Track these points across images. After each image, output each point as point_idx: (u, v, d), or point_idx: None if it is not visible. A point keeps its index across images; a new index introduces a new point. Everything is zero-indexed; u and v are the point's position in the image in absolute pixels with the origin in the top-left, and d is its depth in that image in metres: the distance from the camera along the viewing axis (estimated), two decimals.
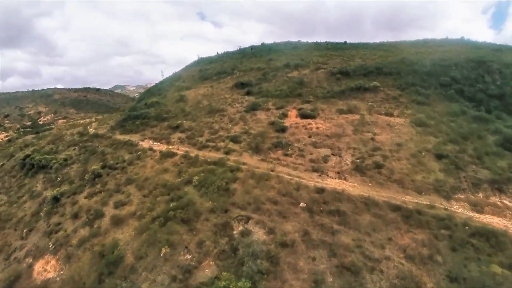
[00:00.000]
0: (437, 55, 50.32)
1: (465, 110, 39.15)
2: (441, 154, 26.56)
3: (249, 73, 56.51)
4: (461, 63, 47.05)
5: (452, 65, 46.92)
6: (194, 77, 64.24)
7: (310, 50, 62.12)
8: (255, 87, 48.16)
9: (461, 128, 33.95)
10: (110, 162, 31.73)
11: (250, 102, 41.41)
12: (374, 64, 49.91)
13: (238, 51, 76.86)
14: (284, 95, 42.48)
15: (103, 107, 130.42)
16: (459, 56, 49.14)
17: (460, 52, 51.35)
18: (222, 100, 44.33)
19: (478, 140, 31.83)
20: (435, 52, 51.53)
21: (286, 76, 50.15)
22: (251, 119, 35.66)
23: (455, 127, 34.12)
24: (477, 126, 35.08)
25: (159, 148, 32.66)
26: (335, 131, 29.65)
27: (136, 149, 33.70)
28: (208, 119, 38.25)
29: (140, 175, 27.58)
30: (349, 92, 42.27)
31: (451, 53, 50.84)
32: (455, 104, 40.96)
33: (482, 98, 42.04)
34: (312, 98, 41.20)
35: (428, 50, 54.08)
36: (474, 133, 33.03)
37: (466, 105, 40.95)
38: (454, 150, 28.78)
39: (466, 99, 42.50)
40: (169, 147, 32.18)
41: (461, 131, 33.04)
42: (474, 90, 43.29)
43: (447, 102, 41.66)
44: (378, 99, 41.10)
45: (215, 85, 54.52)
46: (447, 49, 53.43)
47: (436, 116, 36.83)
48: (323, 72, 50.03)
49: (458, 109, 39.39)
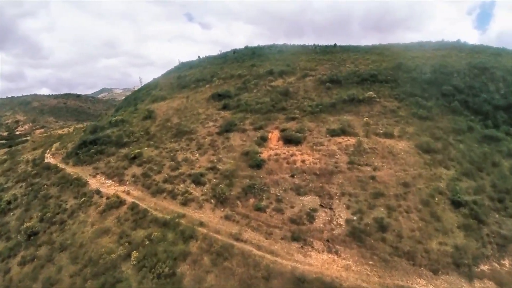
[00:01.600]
0: (436, 60, 44.36)
1: (472, 126, 33.70)
2: (459, 201, 20.54)
3: (229, 81, 49.39)
4: (463, 70, 41.30)
5: (453, 72, 41.08)
6: (172, 85, 56.82)
7: (297, 54, 55.27)
8: (233, 98, 41.18)
9: (472, 152, 28.54)
10: (49, 214, 24.90)
11: (225, 119, 34.47)
12: (368, 70, 43.61)
13: (220, 56, 69.62)
14: (265, 109, 35.70)
15: (83, 114, 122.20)
16: (460, 61, 43.37)
17: (460, 57, 45.67)
18: (194, 117, 37.16)
19: (494, 169, 26.57)
20: (434, 57, 45.59)
21: (269, 85, 43.27)
22: (223, 145, 28.77)
23: (465, 151, 28.53)
24: (488, 148, 29.79)
25: (108, 191, 25.59)
26: (326, 165, 23.16)
27: (82, 192, 26.66)
28: (174, 144, 31.13)
29: (76, 238, 20.59)
30: (341, 105, 35.87)
31: (451, 58, 45.04)
32: (460, 117, 35.34)
33: (488, 111, 36.71)
34: (298, 113, 34.61)
35: (425, 54, 48.12)
36: (487, 158, 27.83)
37: (472, 119, 35.44)
38: (471, 188, 22.92)
39: (471, 112, 36.92)
40: (119, 190, 25.12)
41: (473, 157, 27.58)
42: (479, 101, 37.77)
43: (451, 115, 35.92)
44: (374, 113, 34.90)
45: (191, 95, 47.33)
46: (445, 54, 47.62)
47: (442, 136, 31.06)
48: (311, 80, 43.35)
49: (465, 124, 33.82)
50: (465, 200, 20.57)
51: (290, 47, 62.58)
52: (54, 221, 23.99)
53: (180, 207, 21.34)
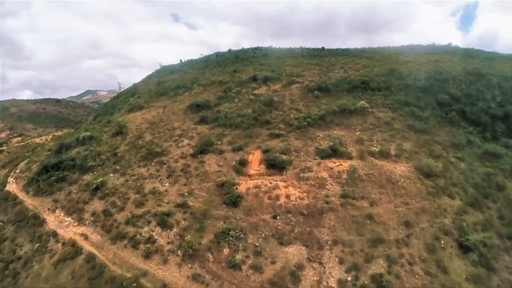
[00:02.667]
0: (429, 65, 41.60)
1: (471, 140, 31.38)
2: (467, 244, 17.64)
3: (209, 88, 45.22)
4: (458, 76, 38.73)
5: (448, 78, 38.42)
6: (150, 92, 52.03)
7: (282, 58, 51.40)
8: (212, 109, 37.16)
9: (475, 173, 26.41)
10: (1, 264, 20.78)
11: (202, 136, 30.55)
12: (358, 76, 40.35)
13: (202, 59, 65.14)
14: (246, 123, 31.93)
15: (63, 121, 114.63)
16: (454, 67, 40.80)
17: (454, 62, 43.16)
18: (168, 134, 32.97)
19: (499, 194, 24.23)
20: (427, 62, 42.85)
21: (252, 93, 39.40)
22: (196, 171, 24.89)
23: (468, 172, 26.21)
24: (490, 166, 27.55)
25: (65, 234, 21.42)
26: (315, 201, 19.72)
27: (38, 234, 22.47)
28: (142, 169, 27.00)
29: None
30: (331, 117, 32.46)
31: (445, 63, 42.41)
32: (458, 130, 32.82)
33: (486, 121, 34.41)
34: (284, 127, 31.00)
35: (417, 59, 45.32)
36: (491, 180, 25.54)
37: (470, 131, 33.04)
38: (479, 223, 20.19)
39: (469, 123, 34.48)
40: (77, 233, 21.05)
41: (477, 179, 25.28)
42: (476, 110, 35.36)
43: (448, 127, 33.38)
44: (367, 126, 31.78)
45: (169, 105, 43.00)
46: (439, 58, 45.00)
47: (441, 153, 28.48)
48: (297, 88, 39.74)
49: (463, 138, 31.41)
50: (473, 243, 17.72)
51: (276, 50, 58.60)
52: (7, 274, 20.01)
53: (142, 260, 17.53)
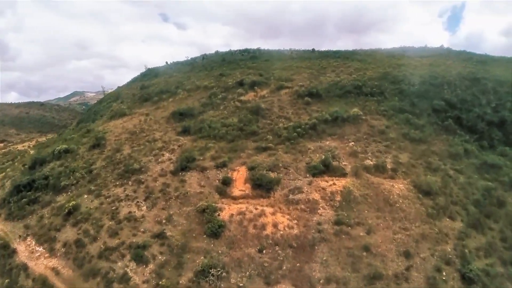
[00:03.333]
0: (424, 69, 40.13)
1: (469, 149, 30.04)
2: (470, 276, 15.97)
3: (194, 94, 42.60)
4: (453, 81, 37.39)
5: (443, 83, 37.00)
6: (134, 97, 48.89)
7: (271, 60, 49.12)
8: (196, 118, 34.62)
9: (475, 187, 25.16)
10: None
11: (184, 150, 28.05)
12: (351, 81, 38.46)
13: (188, 62, 62.36)
14: (232, 135, 29.54)
15: (47, 125, 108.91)
16: (449, 71, 39.45)
17: (448, 65, 41.91)
18: (148, 146, 30.17)
19: (500, 211, 22.96)
20: (421, 66, 41.38)
21: (238, 99, 37.01)
22: (176, 193, 22.38)
23: (467, 187, 24.92)
24: (490, 179, 26.22)
25: (36, 268, 18.48)
26: (306, 230, 17.56)
27: (8, 267, 19.54)
28: (118, 189, 24.23)
29: None
30: (322, 126, 30.40)
31: (439, 67, 41.05)
32: (455, 138, 31.44)
33: (482, 129, 33.17)
34: (272, 139, 28.78)
35: (411, 62, 43.85)
36: (491, 195, 24.38)
37: (466, 139, 31.74)
38: (481, 248, 18.62)
39: (465, 130, 33.20)
40: (49, 266, 18.35)
41: (477, 196, 23.74)
42: (472, 117, 34.12)
43: (444, 135, 31.97)
44: (361, 136, 29.94)
45: (152, 112, 40.17)
46: (433, 62, 43.63)
47: (439, 165, 26.96)
48: (287, 94, 37.54)
49: (461, 147, 30.11)
50: (476, 274, 16.06)
51: (264, 52, 56.14)
52: None
53: None
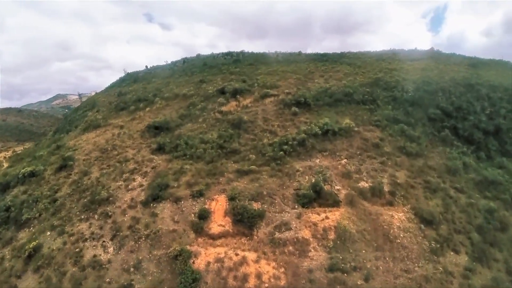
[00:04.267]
0: (416, 74, 37.80)
1: (467, 163, 27.96)
2: None
3: (172, 104, 38.07)
4: (447, 87, 35.25)
5: (438, 90, 34.71)
6: (110, 105, 44.04)
7: (255, 64, 45.31)
8: (173, 132, 30.31)
9: (477, 210, 23.30)
10: None
11: (157, 173, 23.62)
12: (341, 87, 35.32)
13: (169, 66, 57.68)
14: (210, 155, 25.44)
15: (25, 133, 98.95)
16: (442, 76, 37.31)
17: (440, 70, 39.92)
18: (119, 168, 25.34)
19: (503, 235, 21.92)
20: (413, 71, 39.06)
21: (219, 110, 32.90)
22: (147, 231, 17.98)
23: (469, 210, 22.96)
24: (490, 197, 24.78)
25: None
26: (295, 281, 13.87)
27: None
28: (84, 225, 19.48)
29: None
30: (312, 141, 26.87)
31: (432, 72, 38.95)
32: (451, 150, 29.01)
33: (479, 139, 31.13)
34: (255, 158, 24.98)
35: (402, 66, 41.52)
36: (494, 217, 22.73)
37: (463, 151, 29.49)
38: (488, 286, 15.65)
39: (462, 140, 30.97)
40: None
41: (480, 220, 21.95)
42: (468, 126, 32.06)
43: (441, 146, 29.59)
44: (354, 151, 26.77)
45: (127, 124, 35.42)
46: (425, 66, 41.52)
47: (439, 184, 24.42)
48: (272, 102, 33.80)
49: (459, 161, 27.75)
50: None
51: (248, 55, 52.23)
52: None
53: None
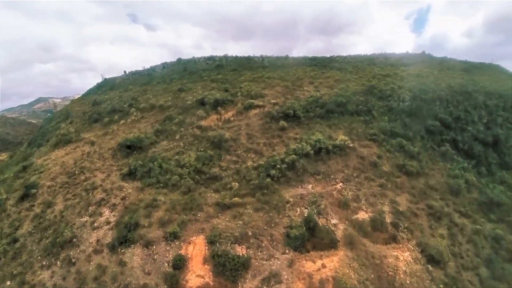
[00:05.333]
0: (411, 81, 35.33)
1: (469, 180, 26.34)
2: None
3: (148, 115, 33.89)
4: (445, 96, 33.04)
5: (435, 98, 32.34)
6: (84, 116, 39.68)
7: (239, 69, 41.46)
8: (146, 151, 26.47)
9: (483, 238, 21.86)
10: None
11: (127, 209, 19.71)
12: (333, 96, 32.24)
13: (147, 71, 52.94)
14: (187, 185, 21.70)
15: (1, 142, 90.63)
16: (438, 83, 35.08)
17: (436, 77, 37.90)
18: (85, 200, 21.23)
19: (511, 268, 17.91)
20: (408, 77, 36.62)
21: (198, 125, 29.08)
22: (114, 284, 14.47)
23: (476, 239, 21.22)
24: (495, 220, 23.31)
25: None
26: None
27: None
28: (45, 273, 15.72)
29: None
30: (303, 163, 23.58)
31: (427, 78, 36.70)
32: (452, 166, 26.85)
33: (479, 152, 29.15)
34: (238, 186, 21.61)
35: (395, 71, 39.09)
36: (502, 246, 20.75)
37: (464, 166, 27.23)
38: None
39: (462, 154, 28.91)
40: None
41: (488, 253, 20.26)
42: (468, 139, 30.07)
43: (442, 162, 27.41)
44: (350, 172, 23.90)
45: (99, 140, 31.34)
46: (420, 72, 39.28)
47: (442, 210, 22.18)
48: (257, 115, 30.25)
49: (461, 179, 25.34)
50: None
51: (232, 60, 48.02)
52: None
53: None
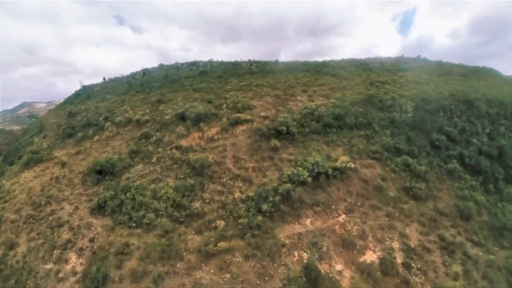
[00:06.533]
0: (412, 89, 32.68)
1: (479, 201, 24.26)
2: None
3: (123, 131, 29.91)
4: (448, 105, 30.84)
5: (439, 108, 30.00)
6: (58, 129, 35.41)
7: (225, 77, 37.53)
8: (119, 178, 22.67)
9: (498, 268, 20.36)
10: None
11: (94, 255, 16.01)
12: (330, 108, 29.15)
13: (127, 78, 48.13)
14: (163, 226, 18.07)
15: None
16: (440, 91, 32.81)
17: (438, 84, 35.65)
18: (49, 241, 17.68)
19: None
20: (408, 84, 33.96)
21: (178, 145, 25.29)
22: None
23: (490, 272, 20.08)
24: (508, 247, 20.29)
25: None
26: None
27: None
28: None
29: None
30: (300, 193, 20.48)
31: (429, 85, 34.34)
32: (461, 186, 24.53)
33: (486, 168, 27.00)
34: (225, 226, 18.45)
35: (393, 78, 36.51)
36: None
37: (472, 184, 25.04)
38: None
39: (469, 171, 26.84)
40: None
41: None
42: (473, 151, 27.89)
43: (449, 181, 25.19)
44: (353, 201, 21.19)
45: (70, 161, 27.15)
46: (420, 79, 36.77)
47: (455, 241, 20.49)
48: (245, 133, 26.63)
49: (470, 199, 23.30)
50: None
51: (217, 65, 43.78)
52: None
53: None
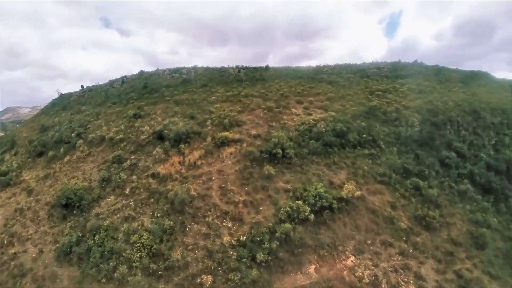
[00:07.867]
0: (415, 100, 30.37)
1: (492, 225, 21.39)
2: None
3: (95, 151, 25.95)
4: (455, 117, 28.67)
5: (446, 121, 27.75)
6: (30, 146, 31.34)
7: (210, 85, 33.44)
8: (88, 214, 19.05)
9: None
10: None
11: None
12: (329, 122, 26.06)
13: (104, 87, 43.10)
14: (137, 281, 14.40)
15: None
16: (445, 101, 30.79)
17: (441, 93, 33.48)
18: None
19: None
20: (411, 94, 31.44)
21: (154, 172, 21.63)
22: None
23: None
24: None
25: None
26: None
27: None
28: None
29: None
30: (300, 233, 17.55)
31: (432, 94, 32.20)
32: (474, 210, 22.42)
33: (497, 186, 25.06)
34: (210, 282, 15.41)
35: (394, 86, 34.06)
36: None
37: (484, 206, 22.92)
38: None
39: (480, 190, 25.11)
40: None
41: None
42: (483, 171, 26.27)
43: (460, 203, 23.13)
44: (362, 238, 19.32)
45: (37, 187, 23.44)
46: (421, 87, 34.43)
47: (471, 275, 18.46)
48: (233, 157, 23.04)
49: (483, 224, 21.82)
50: None
51: (202, 72, 38.97)
52: None
53: None
